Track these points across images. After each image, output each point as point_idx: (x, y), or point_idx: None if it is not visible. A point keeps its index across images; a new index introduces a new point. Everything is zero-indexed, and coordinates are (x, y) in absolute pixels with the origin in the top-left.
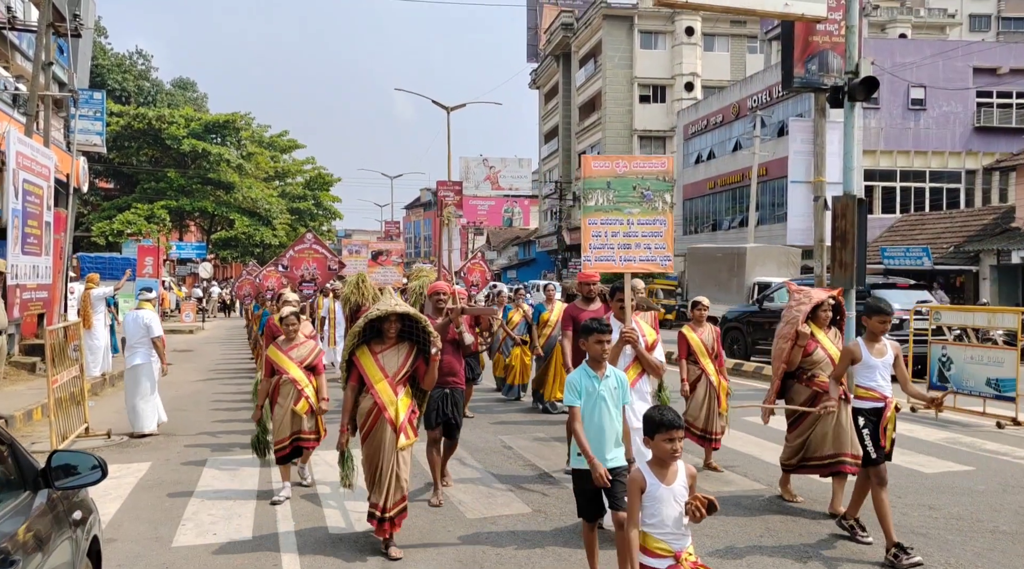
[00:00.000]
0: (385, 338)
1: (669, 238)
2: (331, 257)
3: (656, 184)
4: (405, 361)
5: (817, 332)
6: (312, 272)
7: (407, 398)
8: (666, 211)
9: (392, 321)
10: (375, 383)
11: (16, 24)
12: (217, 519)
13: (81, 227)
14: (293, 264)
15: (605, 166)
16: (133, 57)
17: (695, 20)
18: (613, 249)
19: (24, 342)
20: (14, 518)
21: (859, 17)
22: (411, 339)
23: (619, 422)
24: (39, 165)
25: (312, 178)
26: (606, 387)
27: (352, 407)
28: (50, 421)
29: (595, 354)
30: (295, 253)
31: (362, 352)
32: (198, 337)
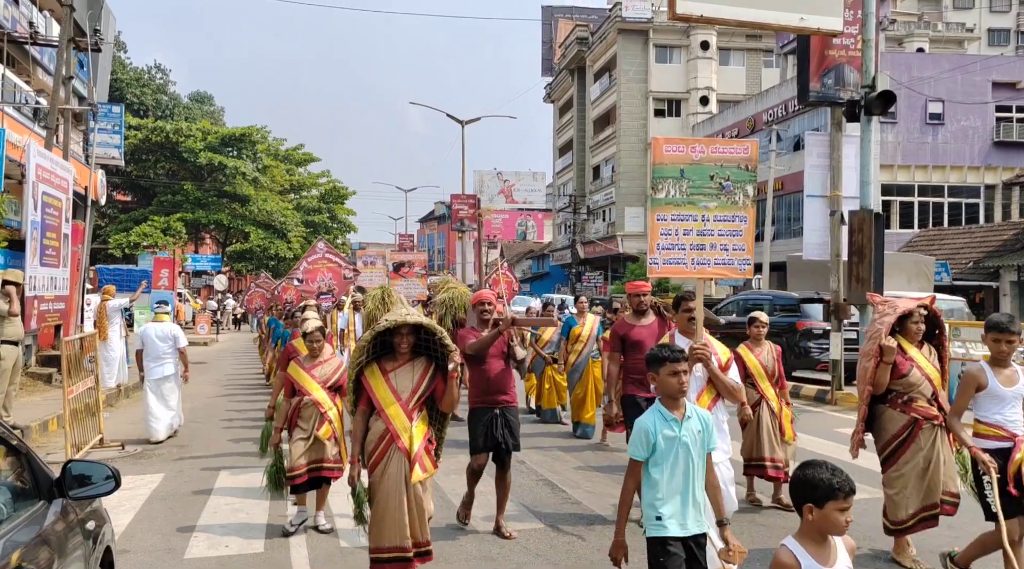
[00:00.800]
0: (397, 354)
1: (749, 238)
2: (345, 265)
3: (737, 173)
4: (421, 380)
5: (908, 347)
6: (328, 283)
7: (423, 424)
8: (747, 206)
9: (404, 334)
10: (386, 407)
11: (38, 39)
12: (229, 532)
13: (98, 239)
14: (308, 276)
15: (679, 150)
16: (151, 71)
17: (710, 34)
18: (684, 250)
19: (41, 353)
20: (29, 527)
21: (876, 31)
22: (428, 354)
23: (702, 474)
24: (58, 178)
25: (327, 191)
26: (688, 431)
27: (363, 435)
28: (65, 432)
29: (671, 390)
30: (309, 265)
31: (371, 371)
32: (212, 349)
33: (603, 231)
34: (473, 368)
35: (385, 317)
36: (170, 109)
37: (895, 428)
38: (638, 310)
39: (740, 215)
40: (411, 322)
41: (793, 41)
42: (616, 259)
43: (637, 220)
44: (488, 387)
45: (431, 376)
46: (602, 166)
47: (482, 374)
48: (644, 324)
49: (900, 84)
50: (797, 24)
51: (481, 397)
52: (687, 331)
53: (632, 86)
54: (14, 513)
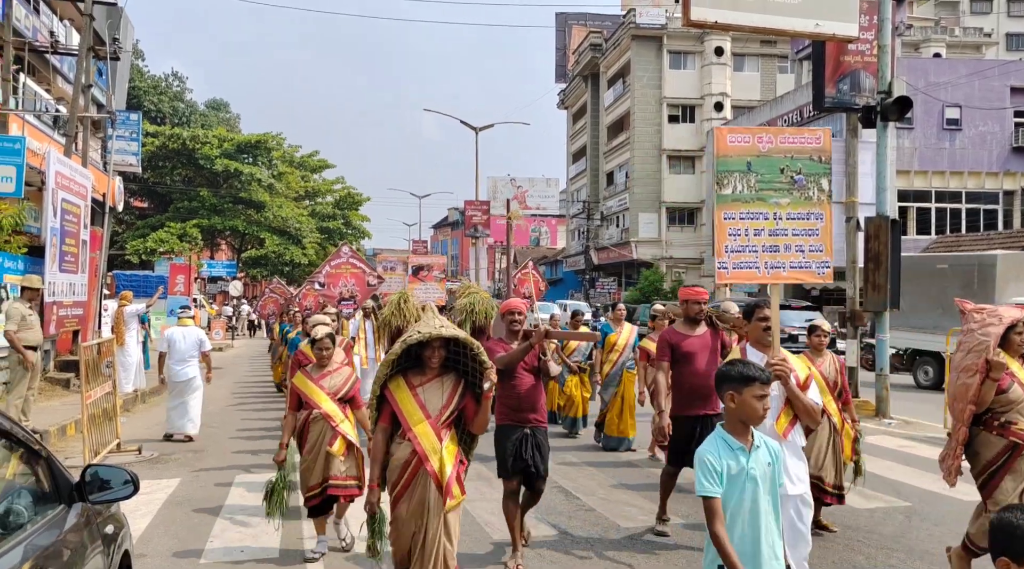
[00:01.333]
0: (427, 368)
1: (827, 238)
2: (369, 272)
3: (810, 165)
4: (451, 398)
5: (1011, 362)
6: (351, 289)
7: (453, 445)
8: (823, 202)
9: (436, 347)
10: (414, 425)
11: (59, 48)
12: (245, 536)
13: (116, 245)
14: (330, 281)
15: (744, 141)
16: (169, 79)
17: (724, 40)
18: (756, 252)
19: (59, 358)
20: (49, 531)
21: (892, 37)
22: (457, 370)
23: (778, 517)
24: (77, 185)
25: (341, 197)
26: (757, 463)
27: (383, 456)
28: (83, 436)
29: (753, 415)
30: (332, 269)
31: (397, 385)
32: (228, 355)
33: (617, 237)
34: (501, 383)
35: (418, 328)
36: (187, 116)
37: (990, 454)
38: (693, 319)
39: (816, 212)
40: (446, 335)
41: (808, 47)
42: (630, 265)
43: (651, 226)
44: (518, 404)
45: (461, 393)
46: (616, 172)
47: (511, 390)
48: (697, 335)
49: (917, 90)
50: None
51: (509, 414)
52: (760, 343)
53: (646, 92)
54: (35, 517)
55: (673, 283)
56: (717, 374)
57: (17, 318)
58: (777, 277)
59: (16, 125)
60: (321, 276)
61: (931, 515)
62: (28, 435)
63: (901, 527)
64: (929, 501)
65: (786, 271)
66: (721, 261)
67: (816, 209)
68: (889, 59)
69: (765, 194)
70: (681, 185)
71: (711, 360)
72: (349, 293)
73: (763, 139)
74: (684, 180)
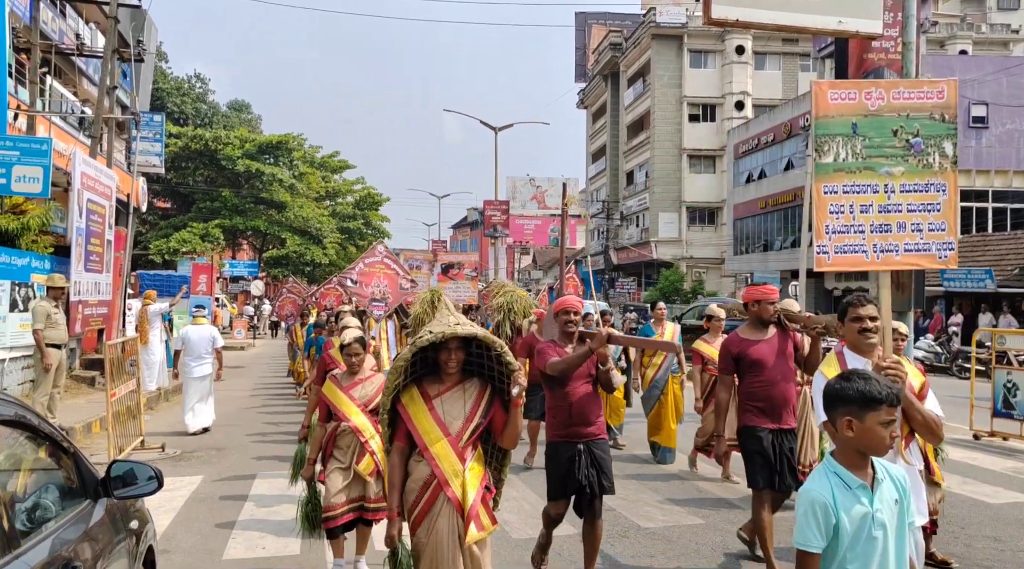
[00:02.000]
0: (444, 375)
1: (951, 213)
2: (403, 275)
3: (930, 126)
4: (475, 408)
5: None
6: (383, 290)
7: (479, 466)
8: (946, 170)
9: (453, 349)
10: (431, 444)
11: (84, 51)
12: (266, 533)
13: (139, 245)
14: (363, 279)
15: (850, 98)
16: (191, 80)
17: (746, 39)
18: (863, 233)
19: (84, 356)
20: (76, 525)
21: (917, 34)
22: (483, 375)
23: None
24: (102, 185)
25: (362, 198)
26: (883, 503)
27: (401, 481)
28: (108, 433)
29: (878, 445)
30: (365, 267)
31: (411, 397)
32: (249, 354)
33: (636, 237)
34: (554, 393)
35: (428, 328)
36: (209, 117)
37: None
38: (762, 320)
39: (937, 182)
40: (461, 334)
41: (831, 44)
42: (649, 265)
43: (671, 226)
44: (571, 417)
45: (487, 402)
46: (636, 171)
47: (564, 400)
48: (766, 339)
49: None
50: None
51: (562, 429)
52: (861, 348)
53: (666, 91)
54: (62, 511)
55: (693, 283)
56: (827, 393)
57: (43, 317)
58: (888, 262)
59: (43, 126)
60: (354, 273)
61: (957, 518)
62: (56, 431)
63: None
64: (955, 504)
65: (899, 255)
66: (821, 244)
67: (937, 179)
68: (914, 56)
69: (874, 162)
70: (702, 184)
71: (783, 367)
72: (381, 294)
73: (872, 95)
74: (705, 179)
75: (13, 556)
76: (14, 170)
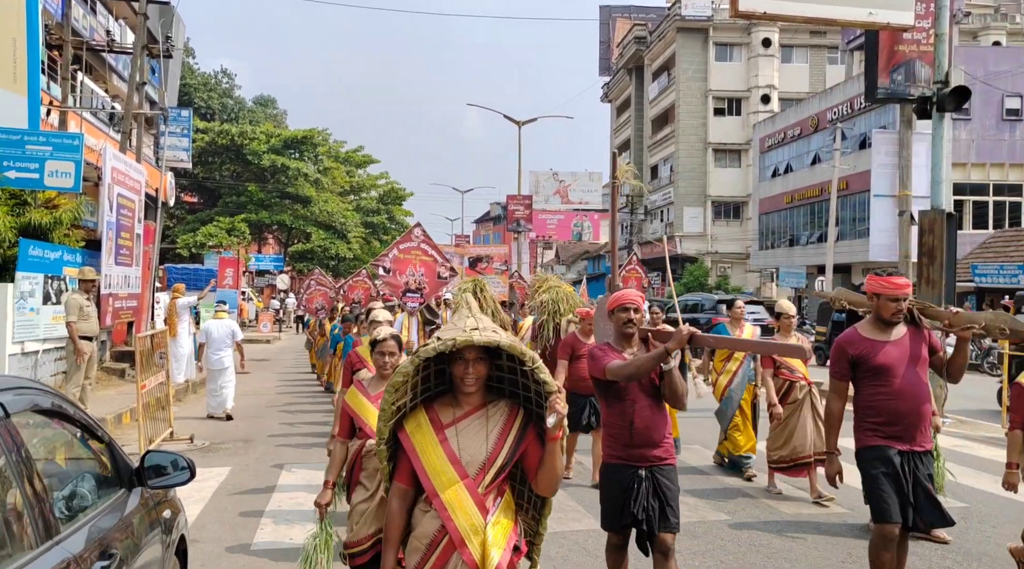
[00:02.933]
0: (460, 396)
1: None
2: (441, 262)
3: None
4: (501, 441)
5: None
6: (419, 280)
7: (507, 518)
8: None
9: (471, 361)
10: (443, 489)
11: (114, 47)
12: (293, 524)
13: (166, 239)
14: (397, 267)
15: None
16: (218, 76)
17: (772, 31)
18: None
19: (114, 349)
20: (112, 514)
21: (949, 25)
22: (516, 395)
23: None
24: (132, 180)
25: (385, 193)
26: None
27: (400, 535)
28: (139, 424)
29: None
30: (400, 253)
31: (416, 425)
32: (274, 347)
33: (661, 231)
34: (611, 406)
35: (437, 335)
36: (235, 112)
37: None
38: (887, 318)
39: None
40: (479, 342)
41: (860, 36)
42: (674, 260)
43: (696, 220)
44: (632, 436)
45: (518, 433)
46: (660, 166)
47: (623, 415)
48: (894, 340)
49: (975, 79)
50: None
51: (620, 450)
52: None
53: (691, 85)
54: (98, 500)
55: (718, 278)
56: None
57: (75, 309)
58: None
59: (74, 122)
60: (387, 260)
61: (988, 517)
62: (92, 421)
63: (957, 528)
64: (986, 502)
65: None
66: None
67: None
68: (946, 48)
69: None
70: (727, 179)
71: (916, 374)
72: (416, 284)
73: None
74: (730, 174)
75: (54, 542)
76: (47, 165)
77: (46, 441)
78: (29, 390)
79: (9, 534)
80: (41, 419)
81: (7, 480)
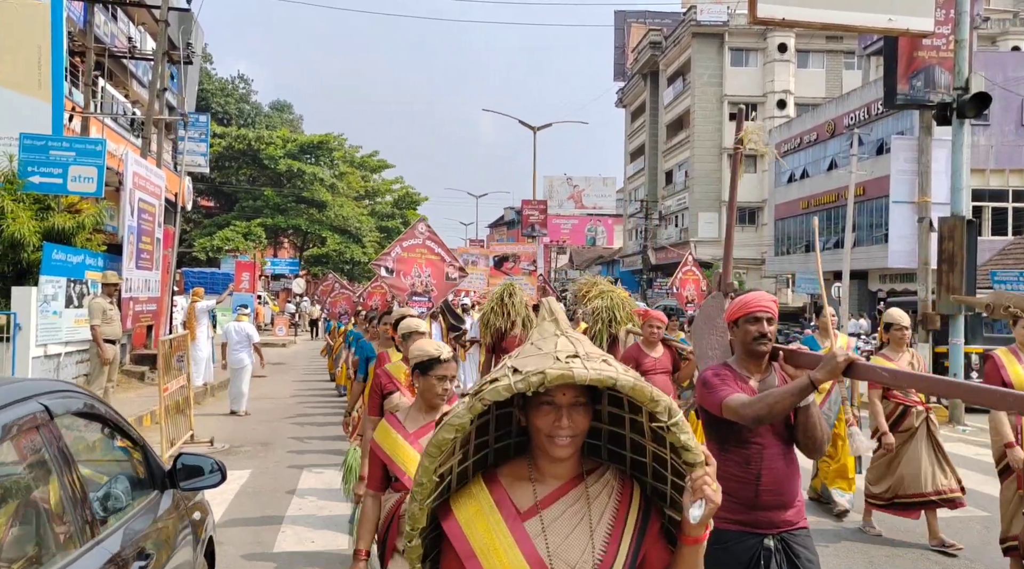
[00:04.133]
0: (541, 460)
1: None
2: (449, 261)
3: None
4: (614, 542)
5: None
6: (425, 281)
7: None
8: None
9: (566, 407)
10: None
11: (135, 53)
12: (314, 527)
13: (184, 243)
14: (401, 267)
15: None
16: (235, 81)
17: (788, 36)
18: None
19: (134, 352)
20: (146, 515)
21: (970, 30)
22: (622, 461)
23: None
24: (152, 185)
25: (400, 197)
26: None
27: None
28: (160, 427)
29: None
30: (403, 251)
31: (474, 510)
32: (291, 351)
33: (675, 237)
34: (726, 452)
35: (510, 364)
36: (251, 117)
37: None
38: None
39: None
40: (586, 379)
41: (878, 41)
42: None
43: (711, 226)
44: (758, 494)
45: (639, 526)
46: (675, 171)
47: (746, 467)
48: None
49: (994, 84)
50: (885, 25)
51: (741, 511)
52: None
53: (706, 90)
54: (132, 501)
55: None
56: None
57: (99, 313)
58: None
59: (95, 128)
60: (390, 260)
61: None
62: (125, 423)
63: (980, 538)
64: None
65: None
66: None
67: None
68: (967, 54)
69: None
70: (742, 184)
71: None
72: (423, 287)
73: None
74: (746, 179)
75: (95, 542)
76: (70, 170)
77: (84, 443)
78: (70, 393)
79: (55, 534)
80: (80, 421)
81: (53, 481)
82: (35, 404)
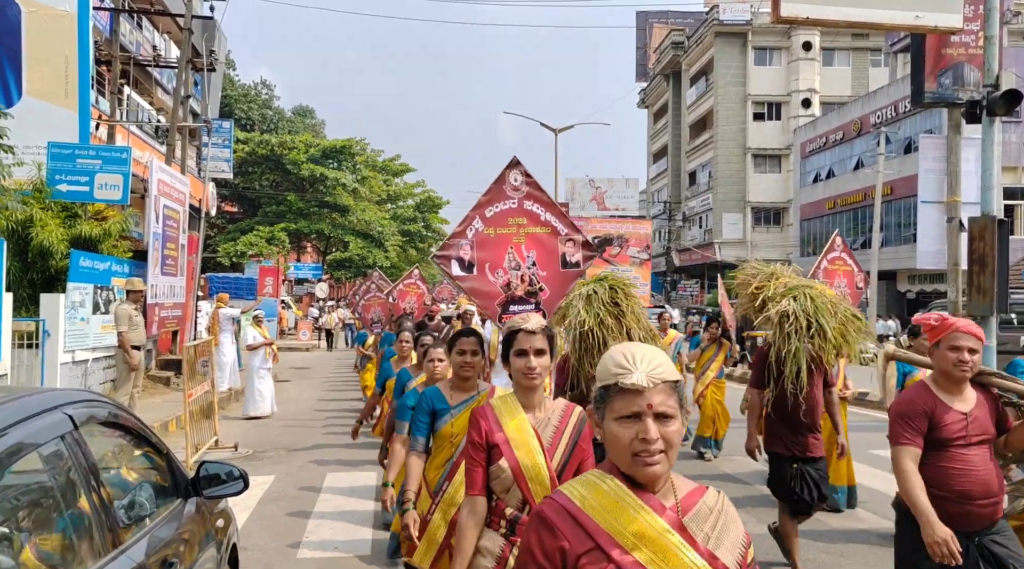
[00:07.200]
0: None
1: None
2: (566, 233)
3: None
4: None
5: None
6: (531, 273)
7: None
8: None
9: None
10: None
11: (160, 61)
12: (337, 533)
13: (207, 249)
14: (485, 255)
15: None
16: (257, 87)
17: (813, 35)
18: None
19: (159, 357)
20: (170, 523)
21: (1000, 27)
22: None
23: None
24: (177, 191)
25: (422, 201)
26: None
27: None
28: (186, 433)
29: None
30: (487, 228)
31: None
32: (314, 355)
33: (699, 238)
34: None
35: None
36: (274, 123)
37: None
38: None
39: None
40: None
41: (904, 39)
42: (713, 267)
43: (735, 227)
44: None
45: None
46: (698, 171)
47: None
48: None
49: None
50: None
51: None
52: None
53: (730, 90)
54: (156, 509)
55: None
56: None
57: (126, 319)
58: None
59: (121, 135)
60: (466, 247)
61: None
62: (149, 431)
63: None
64: None
65: None
66: None
67: None
68: (996, 51)
69: None
70: (767, 184)
71: None
72: (527, 283)
73: None
74: (770, 179)
75: (120, 551)
76: (96, 178)
77: (109, 452)
78: (93, 402)
79: (80, 543)
80: (103, 429)
81: (78, 490)
82: (59, 414)
